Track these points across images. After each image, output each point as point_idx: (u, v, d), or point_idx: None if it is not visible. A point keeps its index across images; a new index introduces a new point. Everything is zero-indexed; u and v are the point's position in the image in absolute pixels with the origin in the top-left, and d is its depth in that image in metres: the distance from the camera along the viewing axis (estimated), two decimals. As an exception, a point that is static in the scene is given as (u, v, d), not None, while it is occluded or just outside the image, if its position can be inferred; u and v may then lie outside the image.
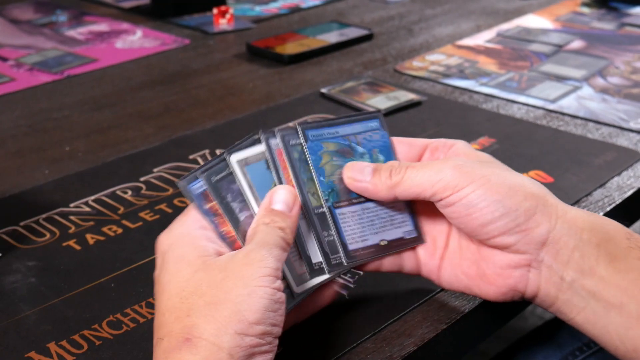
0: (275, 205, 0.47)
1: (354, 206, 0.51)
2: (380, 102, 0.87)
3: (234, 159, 0.48)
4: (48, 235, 0.64)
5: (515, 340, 0.76)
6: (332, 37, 1.11)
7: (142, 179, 0.72)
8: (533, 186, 0.48)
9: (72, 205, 0.68)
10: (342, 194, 0.50)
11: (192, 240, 0.46)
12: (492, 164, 0.50)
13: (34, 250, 0.62)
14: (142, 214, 0.67)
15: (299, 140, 0.50)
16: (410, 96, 0.89)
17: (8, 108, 0.91)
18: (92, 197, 0.69)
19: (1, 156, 0.79)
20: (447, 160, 0.49)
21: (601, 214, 0.66)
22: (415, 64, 1.02)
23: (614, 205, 0.67)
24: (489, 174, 0.47)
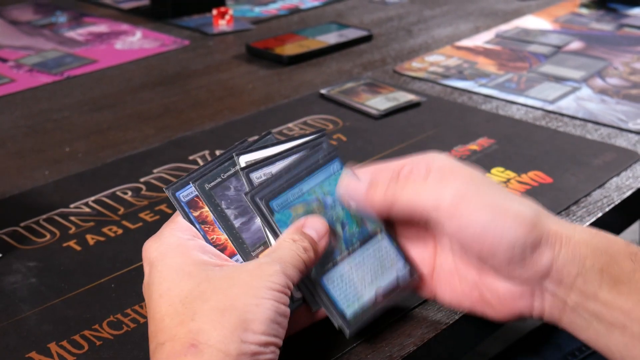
0: (307, 229, 0.47)
1: (340, 265, 0.48)
2: (379, 103, 0.87)
3: (243, 160, 0.48)
4: (48, 236, 0.64)
5: (515, 341, 0.76)
6: (332, 38, 1.11)
7: (142, 179, 0.73)
8: (530, 211, 0.47)
9: (72, 206, 0.68)
10: (324, 257, 0.47)
11: (187, 250, 0.46)
12: (489, 185, 0.48)
13: (34, 250, 0.62)
14: (142, 215, 0.67)
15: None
16: (410, 97, 0.89)
17: (8, 109, 0.91)
18: (92, 198, 0.69)
19: (1, 157, 0.79)
20: (446, 185, 0.47)
21: (600, 215, 0.66)
22: (414, 65, 1.02)
23: (612, 205, 0.67)
24: (491, 201, 0.46)
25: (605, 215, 0.66)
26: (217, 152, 0.77)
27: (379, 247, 0.49)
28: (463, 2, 1.33)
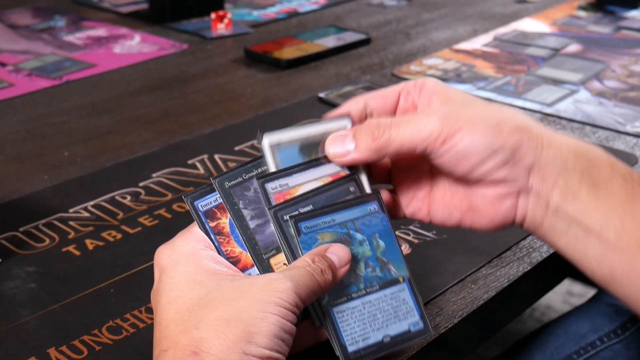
0: (329, 254, 0.46)
1: (354, 301, 0.47)
2: (378, 106, 0.87)
3: (266, 141, 0.48)
4: (47, 241, 0.64)
5: (513, 344, 0.77)
6: (330, 41, 1.11)
7: (141, 184, 0.73)
8: (516, 118, 0.48)
9: (71, 210, 0.68)
10: (340, 289, 0.47)
11: (199, 259, 0.45)
12: (472, 103, 0.50)
13: (33, 255, 0.62)
14: (141, 219, 0.67)
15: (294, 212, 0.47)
16: (408, 100, 0.89)
17: (7, 113, 0.91)
18: (91, 203, 0.69)
19: (0, 162, 0.79)
20: (431, 112, 0.48)
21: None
22: (412, 68, 1.02)
23: (610, 208, 0.67)
24: (473, 116, 0.47)
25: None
26: (216, 157, 0.77)
27: (397, 296, 0.48)
28: (461, 5, 1.34)
